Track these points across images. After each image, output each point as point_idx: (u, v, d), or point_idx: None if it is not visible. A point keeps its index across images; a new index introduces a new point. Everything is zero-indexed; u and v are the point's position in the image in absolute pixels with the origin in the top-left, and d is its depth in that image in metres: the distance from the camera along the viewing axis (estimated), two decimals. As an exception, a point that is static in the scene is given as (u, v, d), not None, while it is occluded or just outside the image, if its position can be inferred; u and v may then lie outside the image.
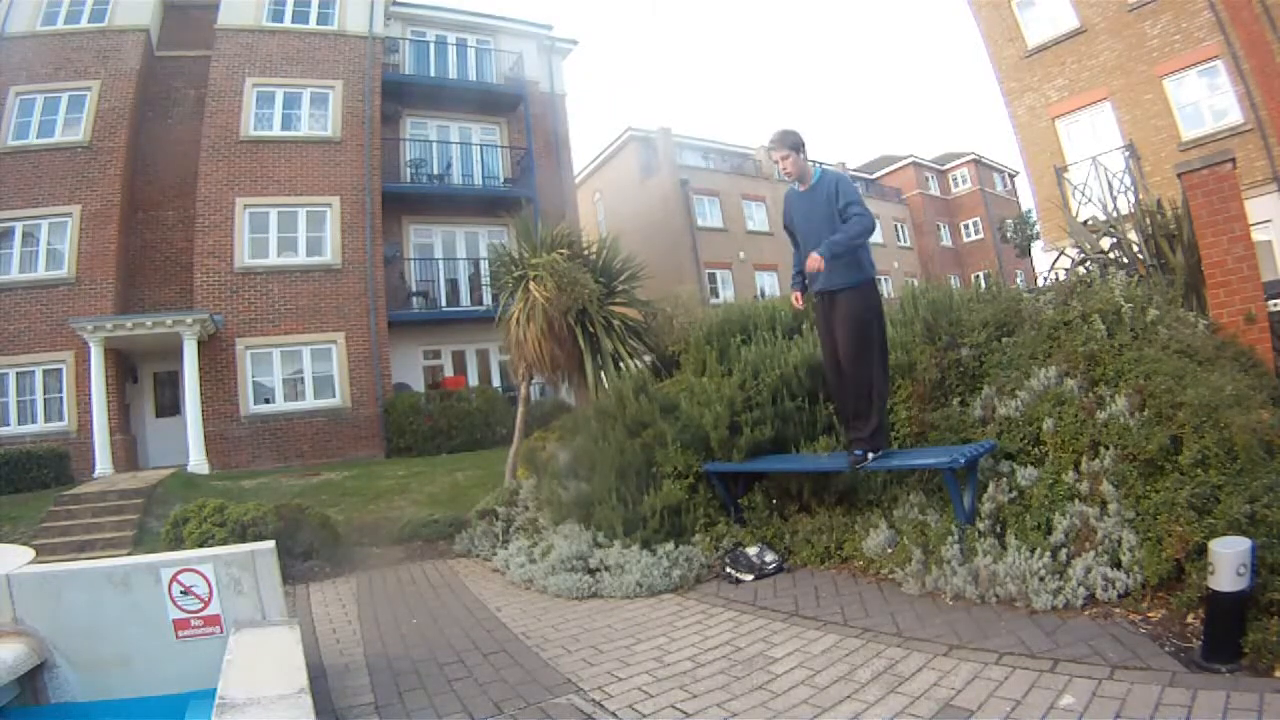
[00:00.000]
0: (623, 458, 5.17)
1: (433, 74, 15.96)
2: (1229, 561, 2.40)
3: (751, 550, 4.40)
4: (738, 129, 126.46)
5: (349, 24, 14.29)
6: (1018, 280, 20.25)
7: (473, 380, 14.90)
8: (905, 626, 3.14)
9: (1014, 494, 3.64)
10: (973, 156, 33.22)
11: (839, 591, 3.77)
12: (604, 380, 6.61)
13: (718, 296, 21.49)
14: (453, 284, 15.33)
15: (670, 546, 4.53)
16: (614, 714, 2.63)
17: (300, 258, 13.18)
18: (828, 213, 3.92)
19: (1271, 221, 10.61)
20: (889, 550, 3.85)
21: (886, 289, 25.02)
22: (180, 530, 5.94)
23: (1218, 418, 3.13)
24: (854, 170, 31.57)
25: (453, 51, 16.43)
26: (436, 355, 14.99)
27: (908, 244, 31.35)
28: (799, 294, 4.35)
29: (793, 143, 4.01)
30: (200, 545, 5.39)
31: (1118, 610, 2.92)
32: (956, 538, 3.52)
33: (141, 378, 12.94)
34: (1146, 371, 3.62)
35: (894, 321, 5.37)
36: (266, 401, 12.63)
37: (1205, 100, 11.85)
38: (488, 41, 16.80)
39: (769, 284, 23.46)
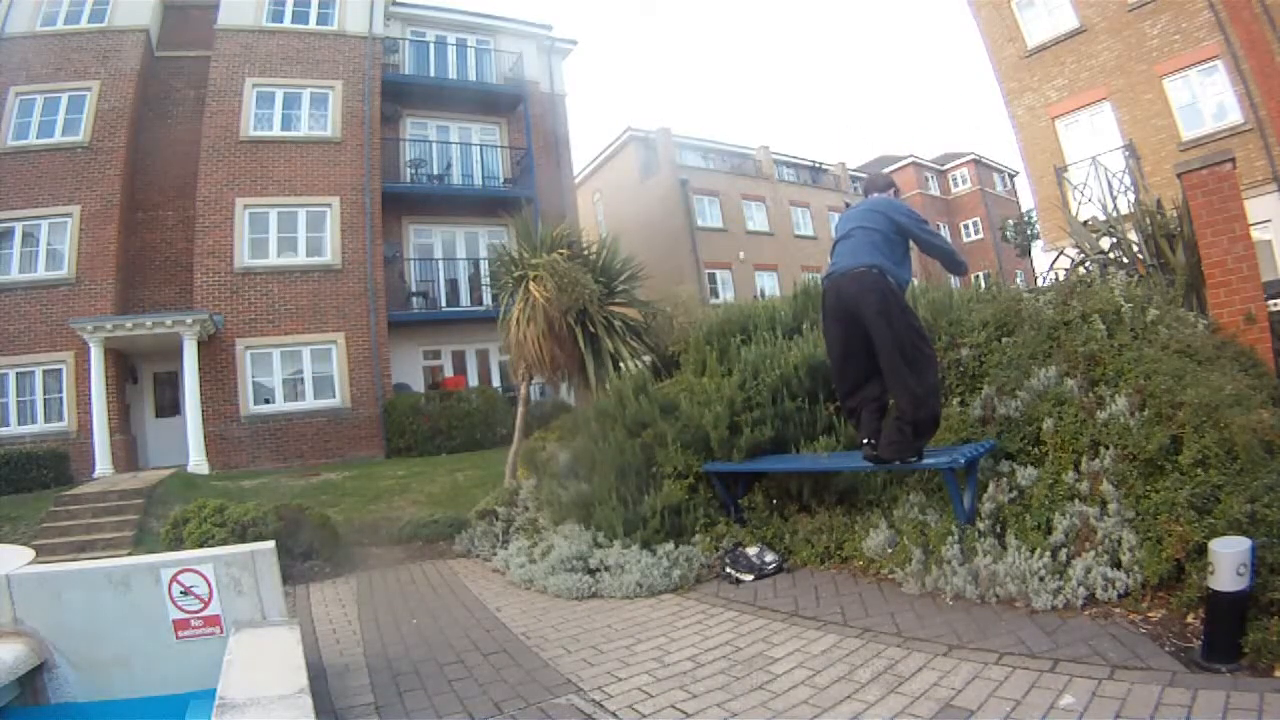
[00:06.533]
0: (623, 458, 5.17)
1: (433, 74, 15.96)
2: (1229, 561, 2.40)
3: (751, 550, 4.40)
4: (737, 129, 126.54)
5: (349, 24, 14.29)
6: (1018, 280, 20.25)
7: (473, 380, 14.89)
8: (905, 626, 3.14)
9: (1014, 494, 3.64)
10: (973, 156, 33.22)
11: (839, 591, 3.77)
12: (604, 380, 6.61)
13: (718, 296, 21.48)
14: (453, 284, 15.33)
15: (670, 546, 4.53)
16: (614, 714, 2.63)
17: (300, 258, 13.18)
18: None
19: (1271, 221, 10.62)
20: (889, 550, 3.85)
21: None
22: (180, 530, 5.94)
23: (1218, 418, 3.13)
24: (854, 170, 31.58)
25: (452, 52, 16.43)
26: (436, 355, 14.99)
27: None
28: None
29: None
30: (200, 545, 5.38)
31: (1118, 610, 2.92)
32: (956, 538, 3.52)
33: (141, 378, 12.93)
34: (1146, 371, 3.62)
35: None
36: (266, 402, 12.63)
37: (1205, 100, 11.86)
38: (487, 42, 16.80)
39: (769, 284, 23.45)
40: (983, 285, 6.25)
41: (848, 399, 3.92)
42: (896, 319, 3.55)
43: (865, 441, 3.77)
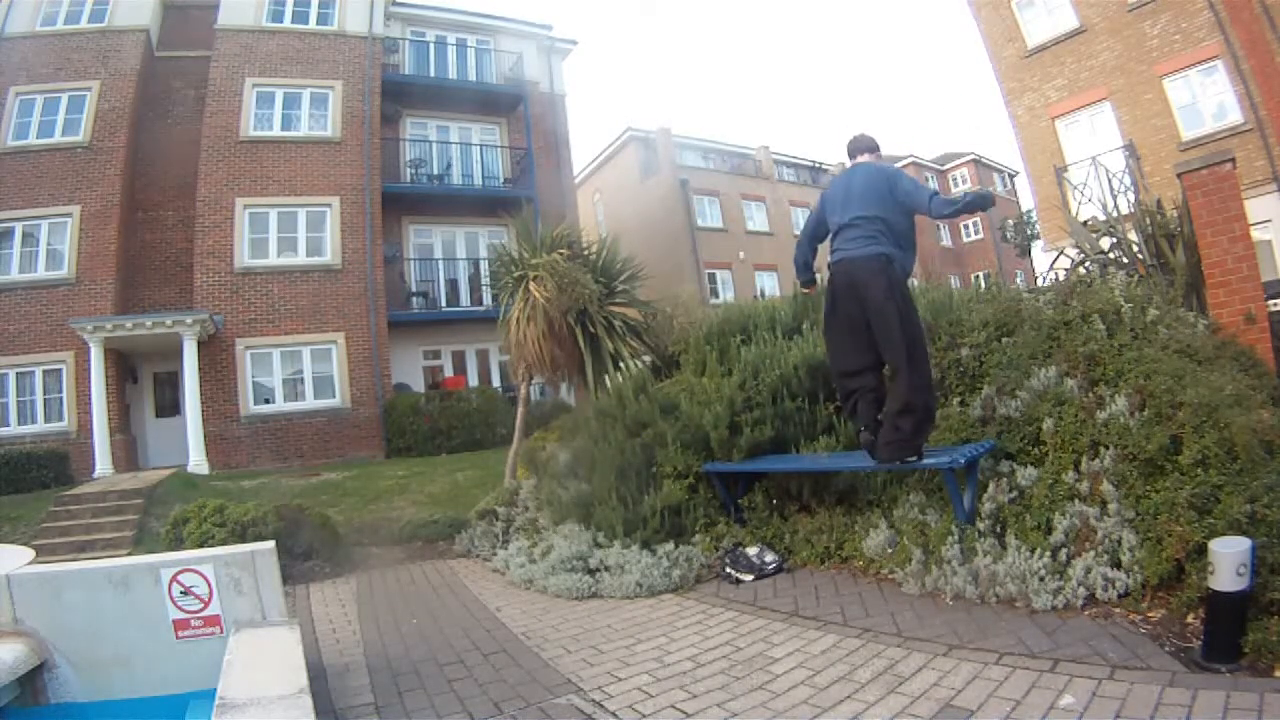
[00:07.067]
0: (623, 458, 5.17)
1: (433, 74, 15.96)
2: (1229, 561, 2.40)
3: (751, 550, 4.40)
4: (738, 129, 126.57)
5: (349, 24, 14.29)
6: (1018, 280, 20.25)
7: (473, 380, 14.90)
8: (905, 626, 3.14)
9: (1014, 494, 3.64)
10: (973, 156, 33.21)
11: (839, 591, 3.77)
12: (604, 380, 6.61)
13: (718, 296, 21.48)
14: (453, 284, 15.33)
15: (670, 547, 4.53)
16: (614, 714, 2.63)
17: (300, 258, 13.19)
18: None
19: (1271, 221, 10.62)
20: (889, 550, 3.85)
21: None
22: (180, 530, 5.93)
23: (1218, 418, 3.13)
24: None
25: (452, 52, 16.44)
26: (436, 355, 14.99)
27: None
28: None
29: None
30: (200, 545, 5.38)
31: (1118, 610, 2.92)
32: (956, 538, 3.52)
33: (141, 378, 12.94)
34: (1146, 371, 3.62)
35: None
36: (266, 402, 12.63)
37: (1205, 100, 11.86)
38: (487, 42, 16.80)
39: (769, 284, 23.45)
40: (983, 285, 6.25)
41: (848, 379, 3.91)
42: (902, 305, 3.65)
43: (863, 429, 3.81)
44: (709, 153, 26.36)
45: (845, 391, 3.98)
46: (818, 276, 4.39)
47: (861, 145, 4.06)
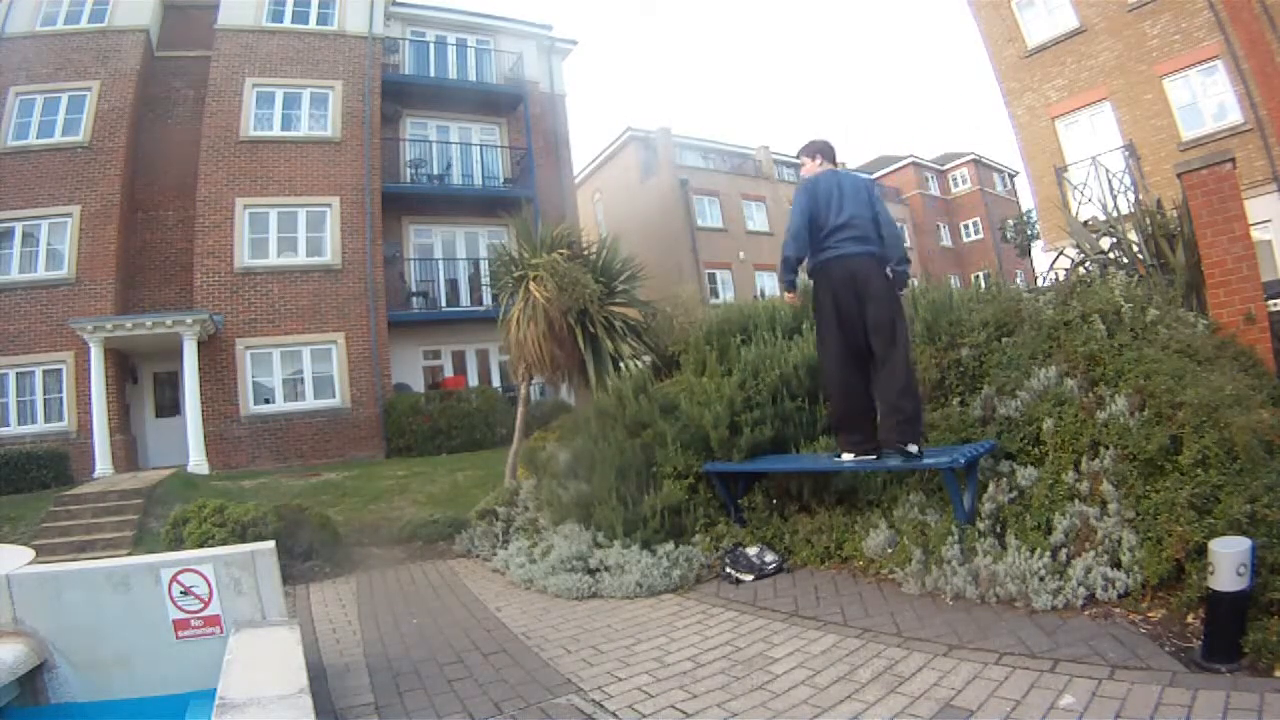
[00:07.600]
0: (623, 458, 5.17)
1: (433, 74, 15.96)
2: (1229, 561, 2.40)
3: (751, 550, 4.40)
4: (737, 129, 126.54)
5: (349, 24, 14.29)
6: (1018, 280, 20.24)
7: (473, 380, 14.90)
8: (905, 626, 3.14)
9: (1014, 494, 3.64)
10: (972, 156, 33.20)
11: (839, 591, 3.77)
12: (604, 380, 6.61)
13: (718, 296, 21.48)
14: (453, 284, 15.33)
15: (670, 547, 4.53)
16: (614, 714, 2.63)
17: (300, 258, 13.18)
18: None
19: (1271, 221, 10.61)
20: (889, 550, 3.85)
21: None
22: (180, 530, 5.93)
23: (1218, 418, 3.13)
24: (854, 170, 31.55)
25: (452, 52, 16.44)
26: (436, 355, 14.99)
27: (907, 244, 31.29)
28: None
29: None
30: (200, 545, 5.38)
31: (1118, 610, 2.92)
32: (956, 538, 3.52)
33: (141, 378, 12.93)
34: (1146, 371, 3.62)
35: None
36: (266, 401, 12.63)
37: (1205, 100, 11.85)
38: (487, 42, 16.80)
39: (769, 284, 23.43)
40: (983, 285, 6.24)
41: (849, 377, 3.96)
42: (897, 297, 3.92)
43: (859, 441, 3.93)
44: (709, 153, 26.35)
45: (845, 394, 3.98)
46: (799, 281, 4.29)
47: (833, 152, 4.24)
